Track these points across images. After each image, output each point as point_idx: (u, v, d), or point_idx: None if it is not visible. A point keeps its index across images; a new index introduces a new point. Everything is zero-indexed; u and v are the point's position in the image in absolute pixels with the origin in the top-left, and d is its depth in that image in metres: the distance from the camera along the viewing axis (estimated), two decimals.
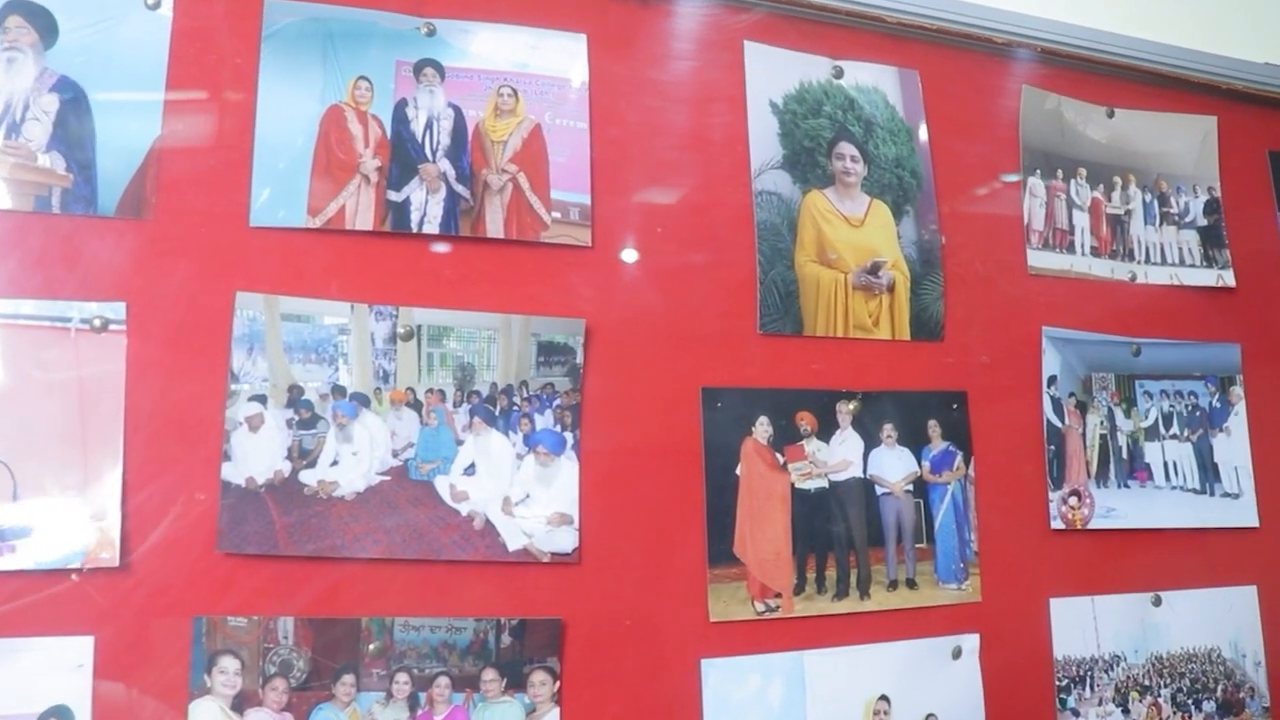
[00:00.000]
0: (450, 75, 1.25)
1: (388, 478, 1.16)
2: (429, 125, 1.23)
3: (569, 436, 1.20)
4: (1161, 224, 1.58)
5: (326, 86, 1.20)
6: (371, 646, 1.12)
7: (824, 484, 1.29)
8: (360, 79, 1.22)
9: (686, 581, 1.23)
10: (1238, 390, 1.57)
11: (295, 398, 1.14)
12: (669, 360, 1.26)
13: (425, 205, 1.20)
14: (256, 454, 1.12)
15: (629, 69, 1.31)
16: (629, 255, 1.26)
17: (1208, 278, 1.59)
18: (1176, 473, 1.51)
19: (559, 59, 1.29)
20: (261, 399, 1.12)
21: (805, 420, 1.30)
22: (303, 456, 1.14)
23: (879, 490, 1.32)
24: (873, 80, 1.42)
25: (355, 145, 1.20)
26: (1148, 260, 1.56)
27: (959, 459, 1.36)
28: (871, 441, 1.33)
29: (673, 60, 1.33)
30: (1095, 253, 1.52)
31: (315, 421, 1.15)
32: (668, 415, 1.25)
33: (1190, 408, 1.54)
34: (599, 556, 1.20)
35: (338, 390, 1.15)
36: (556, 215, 1.24)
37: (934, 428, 1.36)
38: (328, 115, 1.20)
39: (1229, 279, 1.60)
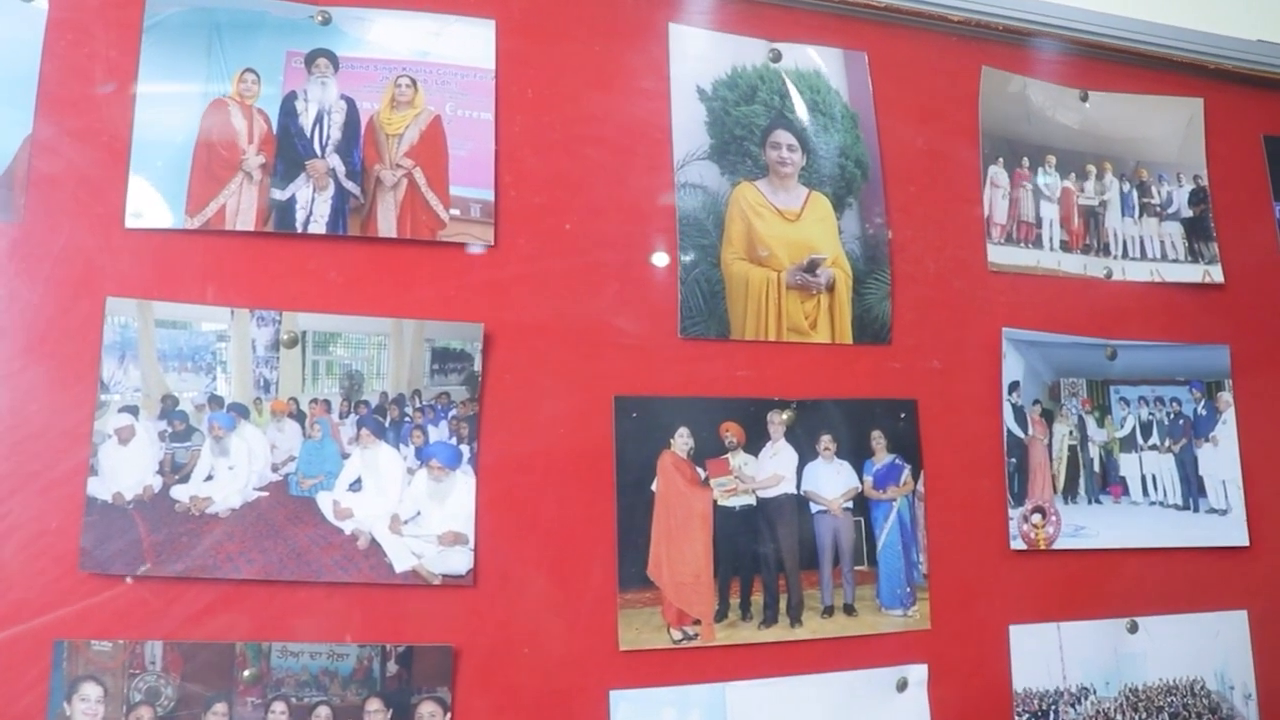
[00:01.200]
0: (345, 66, 1.18)
1: (266, 493, 1.08)
2: (319, 119, 1.15)
3: (465, 449, 1.12)
4: (1141, 215, 1.45)
5: (210, 80, 1.14)
6: (246, 673, 1.05)
7: (751, 501, 1.20)
8: (246, 71, 1.15)
9: (594, 607, 1.14)
10: (1226, 396, 1.44)
11: (169, 409, 1.07)
12: (578, 367, 1.17)
13: (312, 204, 1.13)
14: (125, 468, 1.05)
15: (542, 55, 1.23)
16: (535, 254, 1.17)
17: (1193, 273, 1.46)
18: (1156, 487, 1.39)
19: (464, 46, 1.21)
20: (133, 410, 1.06)
21: (731, 431, 1.20)
22: (175, 471, 1.07)
23: (814, 508, 1.22)
24: (814, 63, 1.32)
25: (238, 141, 1.13)
26: (1125, 255, 1.43)
27: (906, 473, 1.25)
28: (807, 454, 1.23)
29: (591, 45, 1.25)
30: (1066, 247, 1.40)
31: (190, 434, 1.07)
32: (576, 426, 1.16)
33: (1172, 415, 1.41)
34: (496, 579, 1.12)
35: (215, 400, 1.08)
36: (455, 212, 1.16)
37: (878, 439, 1.25)
38: (210, 110, 1.13)
39: (1216, 274, 1.46)
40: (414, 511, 1.12)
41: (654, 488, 1.18)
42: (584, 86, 1.24)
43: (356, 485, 1.11)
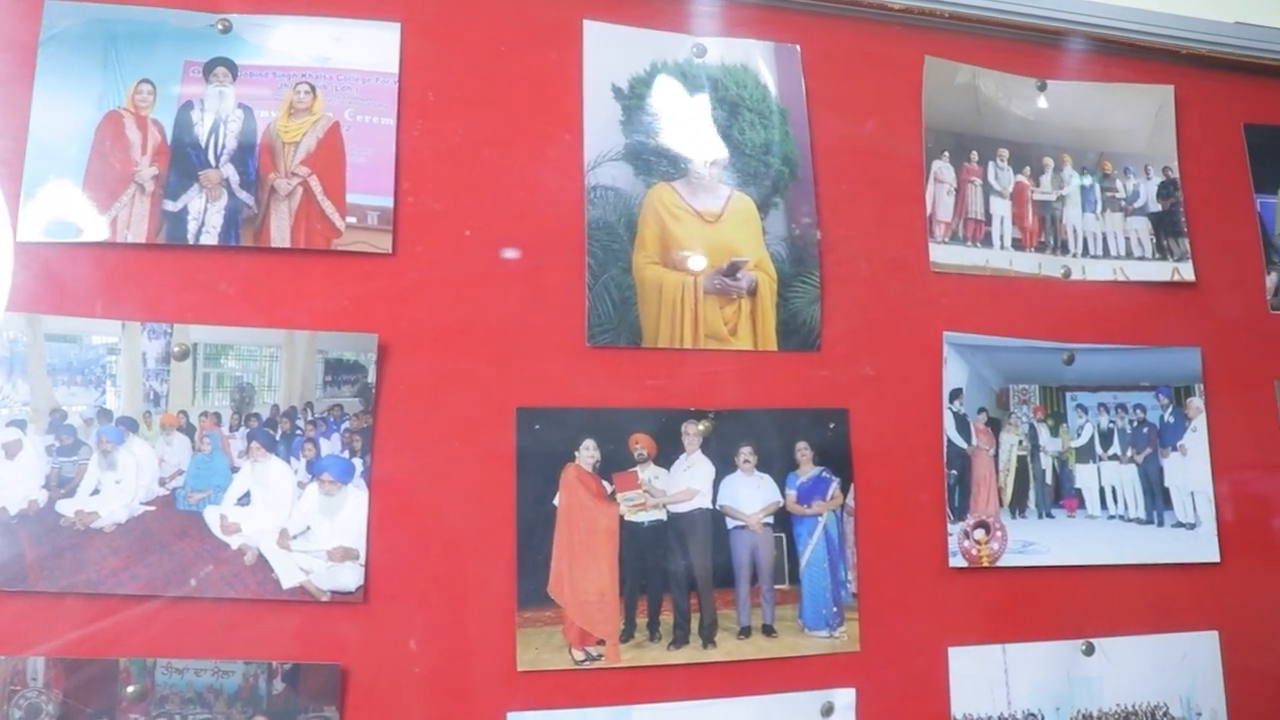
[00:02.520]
0: (244, 74, 1.15)
1: (152, 508, 1.06)
2: (215, 128, 1.13)
3: (358, 463, 1.08)
4: (1104, 211, 1.36)
5: (105, 91, 1.12)
6: (130, 690, 1.03)
7: (661, 516, 1.14)
8: (142, 82, 1.13)
9: (491, 625, 1.10)
10: (1196, 402, 1.34)
11: (57, 422, 1.06)
12: (478, 378, 1.13)
13: (204, 214, 1.11)
14: (11, 483, 1.05)
15: (447, 58, 1.20)
16: (434, 262, 1.13)
17: (1161, 271, 1.36)
18: (1116, 499, 1.30)
19: (366, 51, 1.18)
20: (20, 424, 1.05)
21: (641, 443, 1.14)
22: (61, 485, 1.06)
23: (731, 523, 1.16)
24: (742, 58, 1.27)
25: (132, 153, 1.12)
26: (1086, 253, 1.35)
27: (834, 486, 1.19)
28: (725, 467, 1.17)
29: (501, 46, 1.21)
30: (1019, 245, 1.32)
31: (77, 448, 1.06)
32: (475, 439, 1.12)
33: (1136, 423, 1.32)
34: (388, 596, 1.08)
35: (104, 414, 1.06)
36: (352, 220, 1.13)
37: (803, 451, 1.19)
38: (104, 122, 1.12)
39: (1187, 272, 1.36)
40: (303, 526, 1.09)
41: (556, 502, 1.12)
42: (490, 89, 1.20)
43: (245, 499, 1.09)
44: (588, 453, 1.15)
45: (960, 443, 1.26)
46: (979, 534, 1.25)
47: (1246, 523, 1.37)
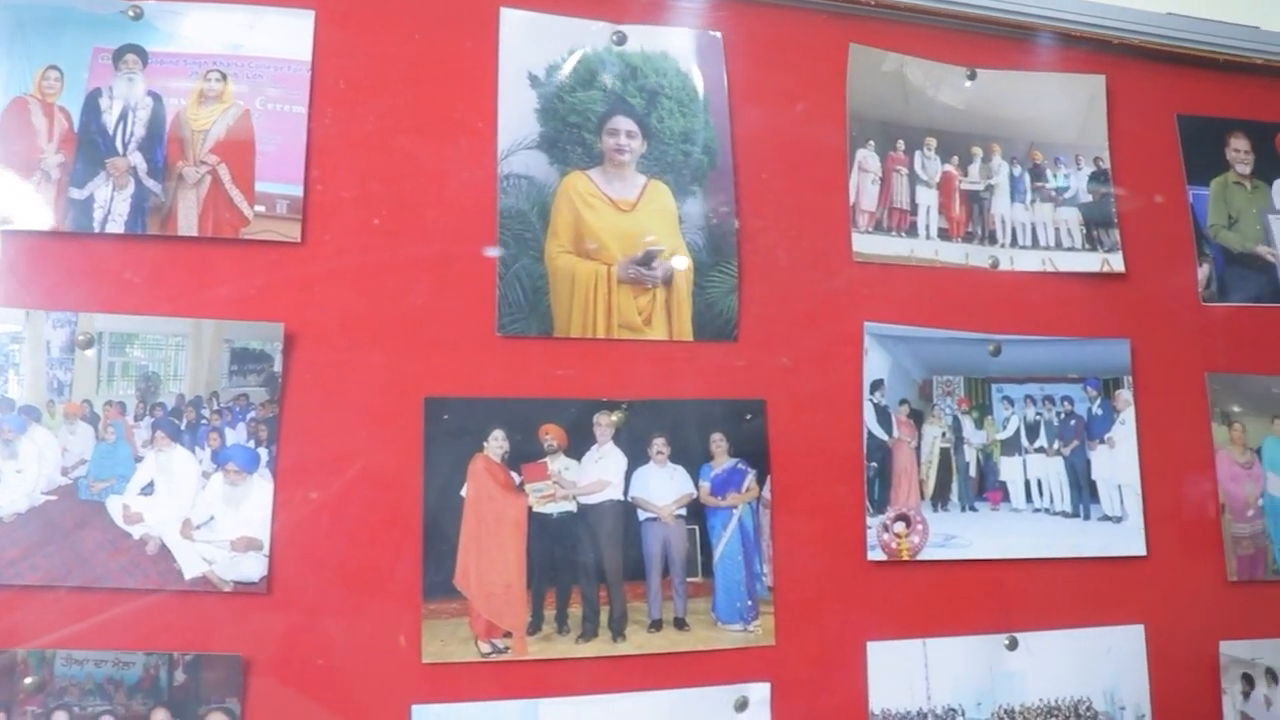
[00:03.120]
0: (155, 61, 1.17)
1: (54, 498, 1.07)
2: (124, 116, 1.14)
3: (263, 453, 1.09)
4: (1034, 201, 1.37)
5: (11, 79, 1.14)
6: (28, 681, 1.04)
7: (571, 507, 1.15)
8: (50, 69, 1.14)
9: (396, 617, 1.11)
10: (1125, 395, 1.34)
11: None
12: (386, 367, 1.14)
13: (110, 202, 1.12)
14: None
15: (360, 46, 1.21)
16: (342, 251, 1.14)
17: (1090, 262, 1.37)
18: (1041, 492, 1.31)
19: (279, 38, 1.19)
20: None
21: (551, 434, 1.15)
22: None
23: (642, 515, 1.17)
24: (663, 46, 1.27)
25: (38, 140, 1.12)
26: (1014, 243, 1.35)
27: (750, 478, 1.19)
28: (637, 459, 1.18)
29: (415, 34, 1.22)
30: (945, 235, 1.33)
31: None
32: (382, 429, 1.13)
33: (1063, 415, 1.33)
34: (292, 587, 1.09)
35: (5, 403, 1.08)
36: (260, 209, 1.14)
37: (718, 442, 1.19)
38: (10, 109, 1.13)
39: (1117, 263, 1.37)
40: (207, 516, 1.10)
41: (464, 493, 1.13)
42: (403, 77, 1.21)
43: (149, 489, 1.10)
44: (496, 443, 1.16)
45: (881, 435, 1.27)
46: (899, 527, 1.25)
47: (1174, 516, 1.37)
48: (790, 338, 1.27)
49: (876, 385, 1.28)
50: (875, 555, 1.25)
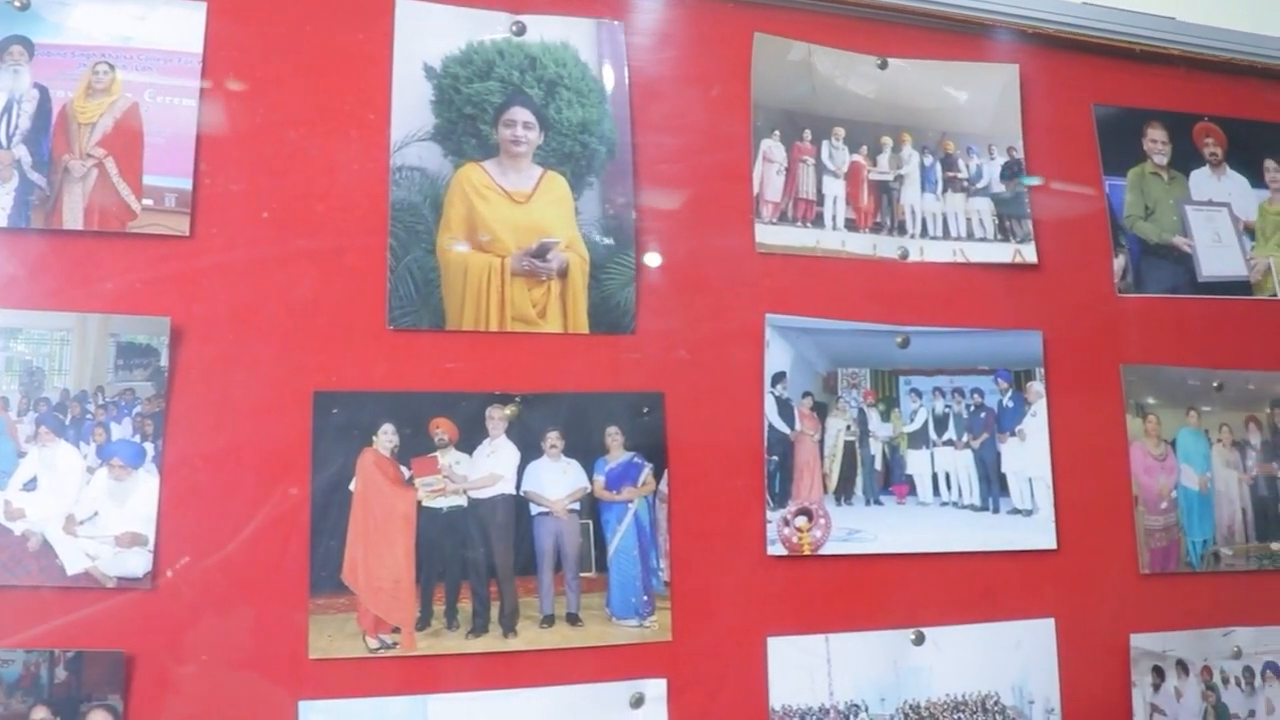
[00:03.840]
0: (42, 53, 1.18)
1: None
2: (8, 109, 1.16)
3: (149, 448, 1.11)
4: (945, 191, 1.39)
5: None
6: None
7: (461, 502, 1.16)
8: None
9: (283, 612, 1.14)
10: (1037, 387, 1.36)
11: None
12: (275, 361, 1.16)
13: None
14: None
15: (253, 38, 1.23)
16: (231, 244, 1.15)
17: (1002, 253, 1.39)
18: (950, 486, 1.32)
19: (170, 30, 1.21)
20: None
21: (442, 428, 1.17)
22: None
23: (535, 509, 1.19)
24: (563, 35, 1.29)
25: None
26: (924, 234, 1.37)
27: (646, 472, 1.21)
28: (531, 453, 1.19)
29: (307, 26, 1.24)
30: (852, 226, 1.34)
31: None
32: (270, 423, 1.15)
33: (973, 408, 1.35)
34: (177, 583, 1.12)
35: None
36: (148, 202, 1.16)
37: (614, 436, 1.21)
38: None
39: (1029, 254, 1.39)
40: (91, 512, 1.11)
41: (353, 488, 1.14)
42: (294, 69, 1.23)
43: (31, 484, 1.12)
44: (386, 437, 1.18)
45: (782, 428, 1.28)
46: (800, 521, 1.27)
47: (1085, 509, 1.40)
48: (690, 330, 1.29)
49: (778, 378, 1.30)
50: (776, 550, 1.27)
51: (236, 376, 1.18)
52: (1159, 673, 1.40)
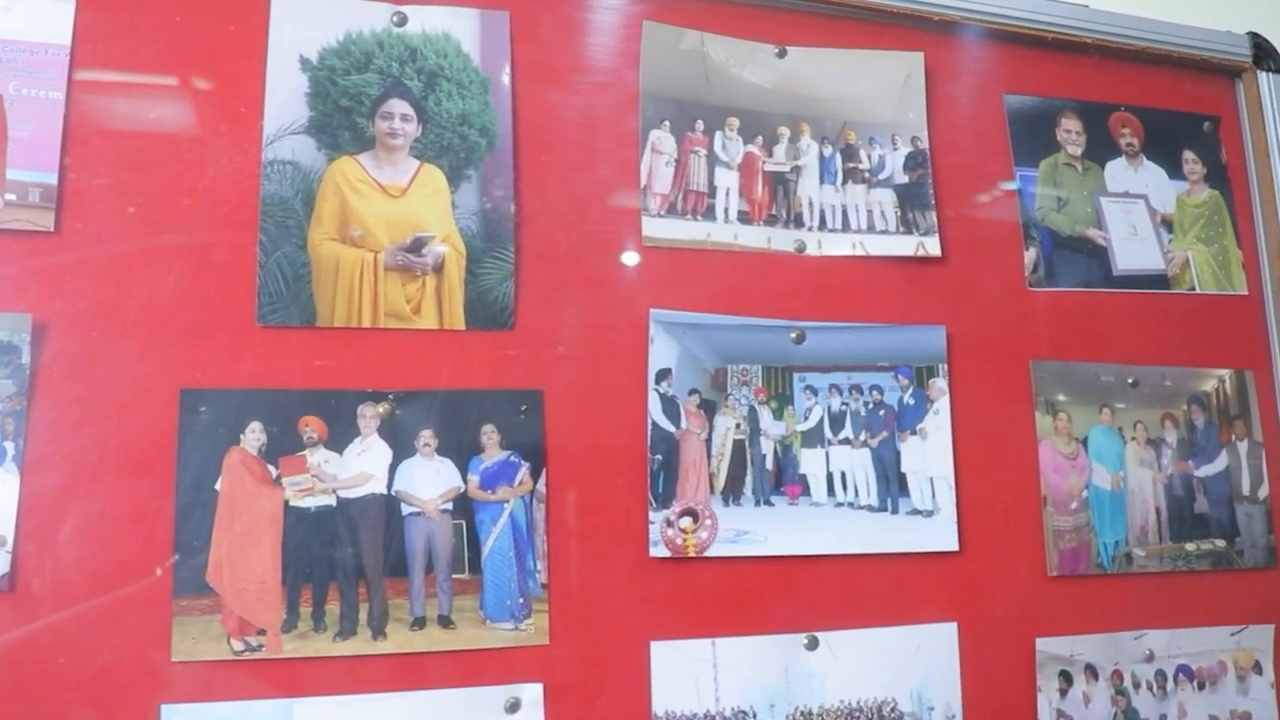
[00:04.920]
0: None
1: None
2: None
3: (9, 446, 1.14)
4: (845, 182, 1.41)
5: None
6: None
7: (330, 501, 1.18)
8: None
9: (146, 614, 1.17)
10: (940, 383, 1.38)
11: None
12: (140, 359, 1.19)
13: None
14: None
15: (124, 28, 1.27)
16: (96, 240, 1.18)
17: (905, 245, 1.40)
18: (845, 486, 1.33)
19: (37, 21, 1.24)
20: None
21: (311, 426, 1.19)
22: None
23: (406, 509, 1.21)
24: (445, 26, 1.32)
25: None
26: (823, 226, 1.39)
27: (523, 472, 1.23)
28: (404, 451, 1.21)
29: (180, 17, 1.27)
30: (745, 219, 1.36)
31: None
32: (135, 422, 1.19)
33: (871, 405, 1.37)
34: (36, 584, 1.15)
35: None
36: (11, 197, 1.19)
37: (490, 434, 1.23)
38: None
39: (933, 247, 1.41)
40: None
41: (218, 487, 1.17)
42: (164, 60, 1.27)
43: None
44: (253, 436, 1.20)
45: (667, 426, 1.30)
46: (685, 522, 1.29)
47: (991, 509, 1.42)
48: (570, 326, 1.31)
49: (663, 374, 1.32)
50: (658, 551, 1.29)
51: (101, 374, 1.20)
52: (1066, 677, 1.41)
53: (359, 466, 1.25)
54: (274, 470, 1.23)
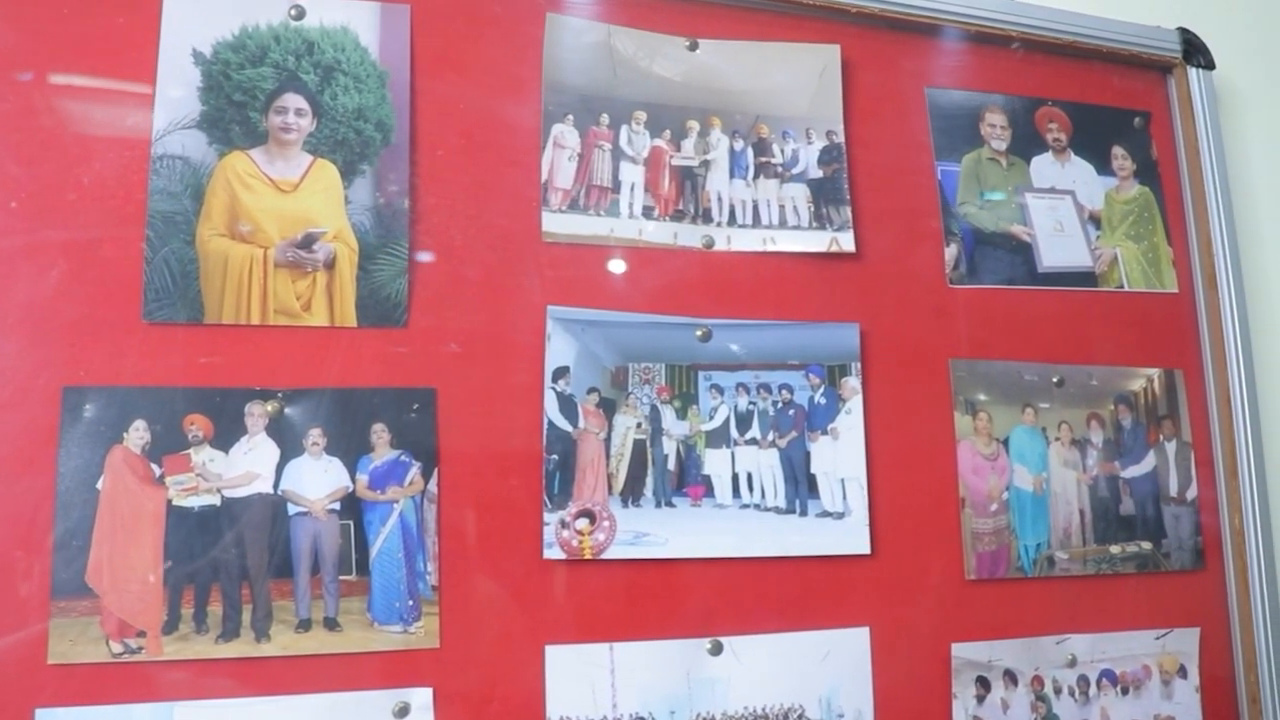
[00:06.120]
0: None
1: None
2: None
3: None
4: (757, 177, 1.43)
5: None
6: None
7: (214, 501, 1.21)
8: None
9: (21, 616, 1.20)
10: (852, 382, 1.40)
11: None
12: (22, 356, 1.24)
13: None
14: None
15: (10, 21, 1.31)
16: None
17: (818, 241, 1.43)
18: (752, 487, 1.35)
19: None
20: None
21: (197, 424, 1.22)
22: None
23: (293, 509, 1.23)
24: (344, 19, 1.36)
25: None
26: (732, 222, 1.41)
27: (414, 471, 1.26)
28: (292, 450, 1.24)
29: (68, 9, 1.30)
30: (651, 214, 1.39)
31: None
32: (15, 420, 1.24)
33: (780, 405, 1.39)
34: None
35: None
36: None
37: (380, 433, 1.26)
38: None
39: (847, 243, 1.43)
40: None
41: (100, 486, 1.19)
42: (51, 54, 1.31)
43: None
44: (137, 434, 1.23)
45: (564, 425, 1.33)
46: (582, 524, 1.31)
47: (905, 511, 1.44)
48: (465, 323, 1.34)
49: (560, 373, 1.34)
50: (553, 553, 1.31)
51: None
52: (984, 683, 1.43)
53: (245, 465, 1.27)
54: (157, 469, 1.26)
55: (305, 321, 1.31)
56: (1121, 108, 1.67)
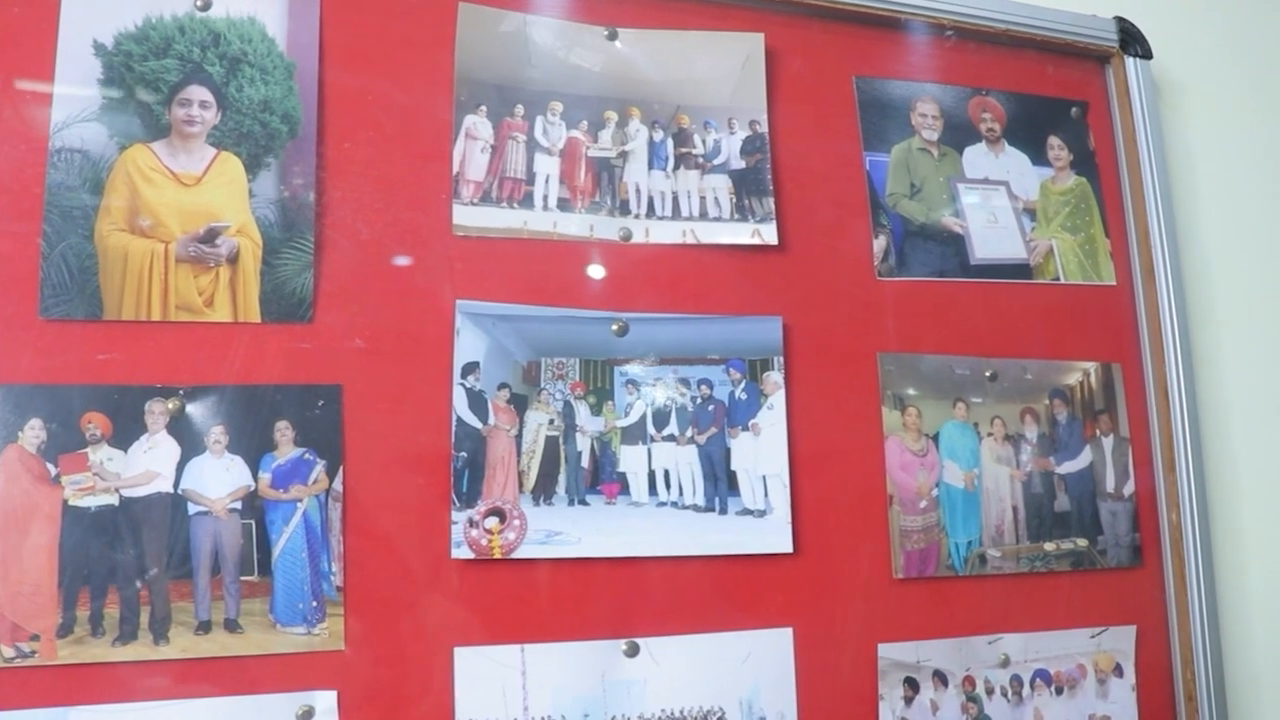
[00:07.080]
0: None
1: None
2: None
3: None
4: (677, 168, 1.44)
5: None
6: None
7: (112, 501, 1.22)
8: None
9: None
10: (775, 377, 1.42)
11: None
12: None
13: None
14: None
15: None
16: None
17: (739, 233, 1.45)
18: (669, 484, 1.36)
19: None
20: None
21: (94, 423, 1.24)
22: None
23: (193, 509, 1.25)
24: (251, 10, 1.38)
25: None
26: (650, 214, 1.43)
27: (319, 470, 1.27)
28: (193, 449, 1.25)
29: None
30: (566, 206, 1.40)
31: None
32: None
33: (700, 400, 1.40)
34: None
35: None
36: None
37: (283, 431, 1.28)
38: None
39: (769, 235, 1.45)
40: None
41: None
42: None
43: None
44: (33, 433, 1.25)
45: (473, 422, 1.34)
46: (491, 522, 1.32)
47: (829, 509, 1.46)
48: (372, 318, 1.36)
49: (470, 368, 1.36)
50: (461, 553, 1.33)
51: None
52: (912, 684, 1.43)
53: (145, 464, 1.29)
54: (53, 469, 1.27)
55: (207, 317, 1.33)
56: (1058, 97, 1.69)
